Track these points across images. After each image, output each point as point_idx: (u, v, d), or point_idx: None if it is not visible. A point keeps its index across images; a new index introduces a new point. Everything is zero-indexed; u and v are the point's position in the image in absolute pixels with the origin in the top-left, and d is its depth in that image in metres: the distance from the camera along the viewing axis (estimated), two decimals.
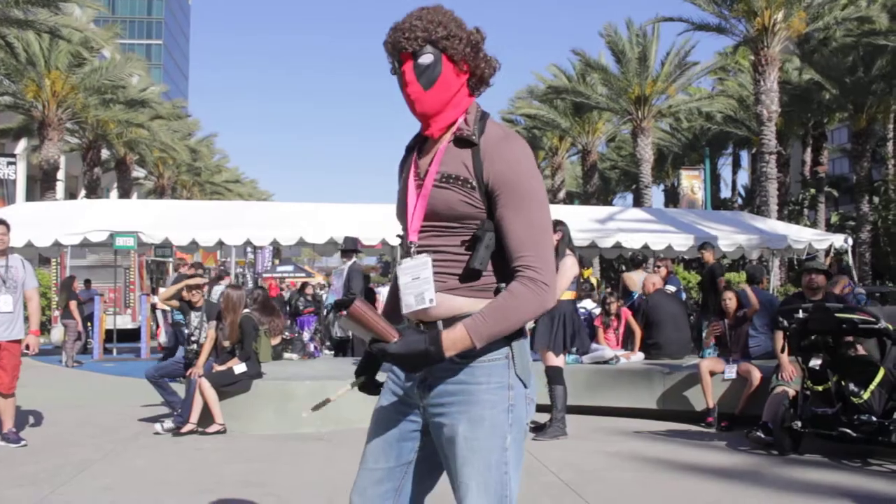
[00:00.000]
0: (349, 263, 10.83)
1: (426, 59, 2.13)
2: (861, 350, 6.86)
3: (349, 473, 6.09)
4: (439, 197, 2.12)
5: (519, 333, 2.15)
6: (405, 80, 2.15)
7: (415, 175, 2.23)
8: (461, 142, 2.15)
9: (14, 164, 24.56)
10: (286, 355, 10.15)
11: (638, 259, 11.78)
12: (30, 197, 33.05)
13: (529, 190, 2.08)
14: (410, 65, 2.14)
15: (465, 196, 2.09)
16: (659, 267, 11.04)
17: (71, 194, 37.58)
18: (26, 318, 7.18)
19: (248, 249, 28.38)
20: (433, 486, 2.40)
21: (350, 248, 11.05)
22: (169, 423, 7.50)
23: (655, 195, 35.90)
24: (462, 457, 2.11)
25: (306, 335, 12.61)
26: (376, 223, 13.37)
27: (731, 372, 7.76)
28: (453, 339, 2.02)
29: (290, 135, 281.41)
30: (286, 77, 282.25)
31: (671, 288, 10.57)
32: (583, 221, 13.64)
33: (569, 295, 7.40)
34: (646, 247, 14.16)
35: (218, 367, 7.58)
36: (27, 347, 7.10)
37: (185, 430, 7.31)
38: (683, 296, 10.73)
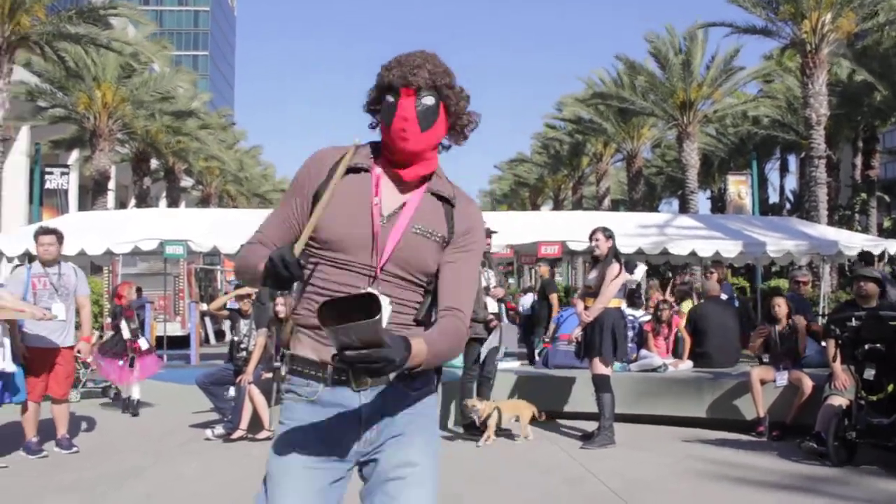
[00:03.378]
0: None
1: (429, 100, 2.12)
2: None
3: None
4: (414, 246, 2.10)
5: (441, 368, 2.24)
6: (403, 114, 2.10)
7: (378, 210, 2.13)
8: (439, 197, 2.18)
9: (67, 174, 25.09)
10: None
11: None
12: (82, 206, 33.73)
13: (479, 250, 2.24)
14: (412, 101, 2.10)
15: (436, 253, 2.13)
16: (712, 272, 10.85)
17: (121, 203, 38.26)
18: (78, 325, 7.32)
19: None
20: None
21: None
22: (219, 430, 7.59)
23: (701, 201, 35.52)
24: (418, 482, 2.13)
25: None
26: None
27: (782, 380, 7.63)
28: (417, 351, 1.88)
29: (341, 136, 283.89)
30: (330, 85, 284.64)
31: (723, 295, 10.39)
32: (628, 228, 13.50)
33: (616, 303, 7.35)
34: (693, 253, 13.99)
35: (267, 375, 7.66)
36: (79, 353, 7.25)
37: (234, 436, 7.40)
38: (736, 303, 10.53)
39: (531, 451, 7.14)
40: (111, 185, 28.77)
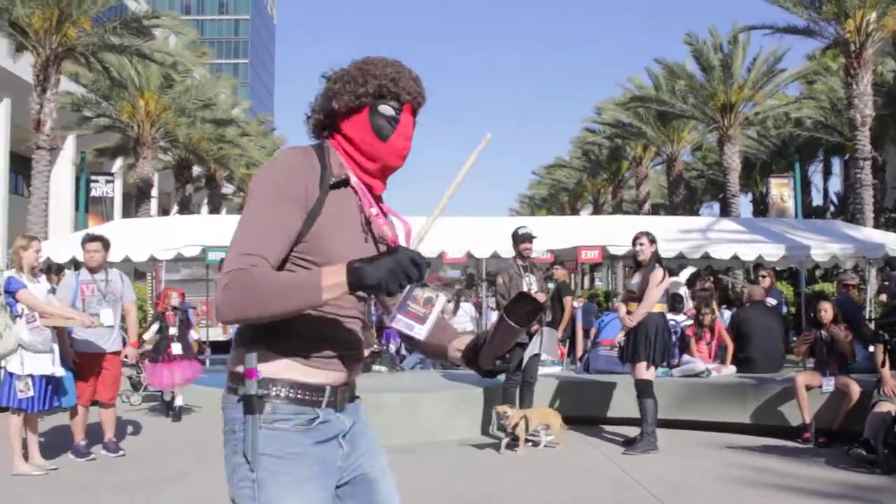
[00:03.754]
0: None
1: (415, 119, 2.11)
2: None
3: (437, 485, 6.14)
4: None
5: None
6: (406, 132, 2.06)
7: (379, 224, 2.09)
8: (385, 214, 2.14)
9: (112, 182, 25.52)
10: (375, 367, 10.26)
11: None
12: (126, 213, 34.33)
13: None
14: (412, 119, 2.08)
15: None
16: (764, 276, 10.66)
17: (164, 210, 38.86)
18: (125, 330, 7.45)
19: None
20: None
21: None
22: None
23: (743, 204, 35.04)
24: (393, 482, 2.18)
25: (393, 347, 12.74)
26: (460, 236, 13.41)
27: (828, 385, 7.50)
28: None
29: None
30: None
31: (772, 301, 10.21)
32: (669, 232, 13.39)
33: (659, 308, 7.30)
34: (735, 257, 13.84)
35: None
36: (126, 357, 7.37)
37: None
38: (784, 309, 10.31)
39: (573, 457, 7.11)
40: (154, 192, 29.22)
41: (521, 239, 7.90)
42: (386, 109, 2.03)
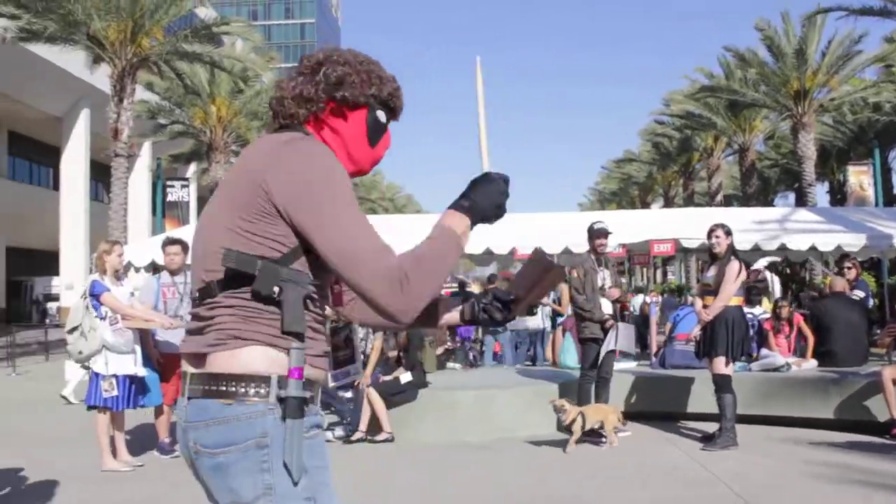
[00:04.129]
0: None
1: None
2: None
3: (513, 484, 6.14)
4: None
5: None
6: (387, 143, 2.06)
7: None
8: None
9: (187, 186, 26.19)
10: (449, 365, 10.31)
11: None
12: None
13: None
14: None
15: None
16: (849, 268, 10.31)
17: None
18: None
19: None
20: None
21: None
22: (339, 432, 7.78)
23: (820, 193, 34.09)
24: None
25: (468, 345, 12.78)
26: (530, 232, 13.35)
27: None
28: None
29: (444, 141, 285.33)
30: (433, 88, 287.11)
31: (859, 293, 9.87)
32: (743, 223, 13.08)
33: (736, 301, 7.16)
34: (813, 248, 13.45)
35: (384, 378, 7.80)
36: None
37: (354, 438, 7.56)
38: (871, 302, 9.88)
39: (652, 454, 7.02)
40: None
41: (596, 234, 7.84)
42: (381, 116, 2.01)
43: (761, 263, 12.23)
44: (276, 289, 1.75)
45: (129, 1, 19.33)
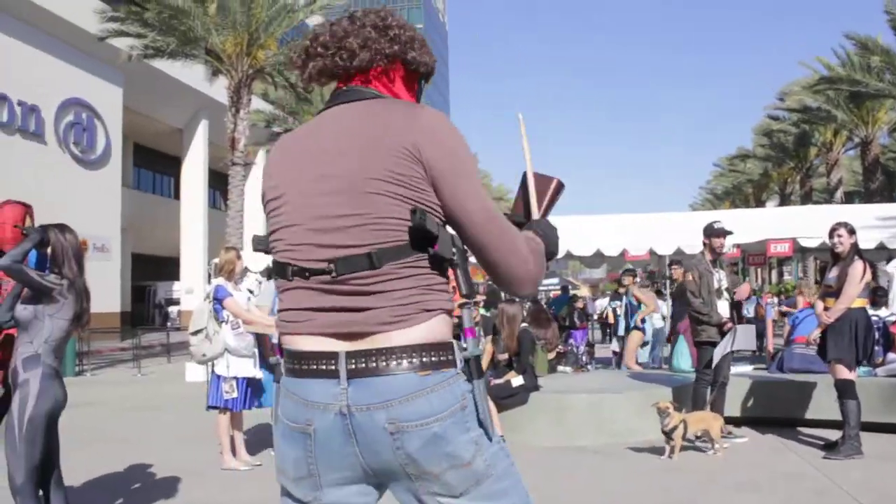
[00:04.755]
0: None
1: None
2: None
3: (621, 491, 6.04)
4: None
5: (278, 375, 1.97)
6: None
7: None
8: None
9: None
10: (560, 368, 10.26)
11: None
12: None
13: None
14: None
15: None
16: None
17: None
18: None
19: None
20: None
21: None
22: None
23: None
24: None
25: (581, 348, 12.68)
26: (642, 233, 13.14)
27: None
28: None
29: (554, 145, 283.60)
30: (543, 87, 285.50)
31: None
32: (867, 220, 12.49)
33: (860, 303, 6.87)
34: None
35: (495, 381, 7.83)
36: None
37: None
38: None
39: (772, 461, 6.81)
40: None
41: (716, 233, 7.65)
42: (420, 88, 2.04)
43: (892, 267, 11.67)
44: (454, 250, 1.77)
45: (245, 15, 20.01)
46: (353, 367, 1.73)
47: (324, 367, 1.75)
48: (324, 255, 1.77)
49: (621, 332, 12.78)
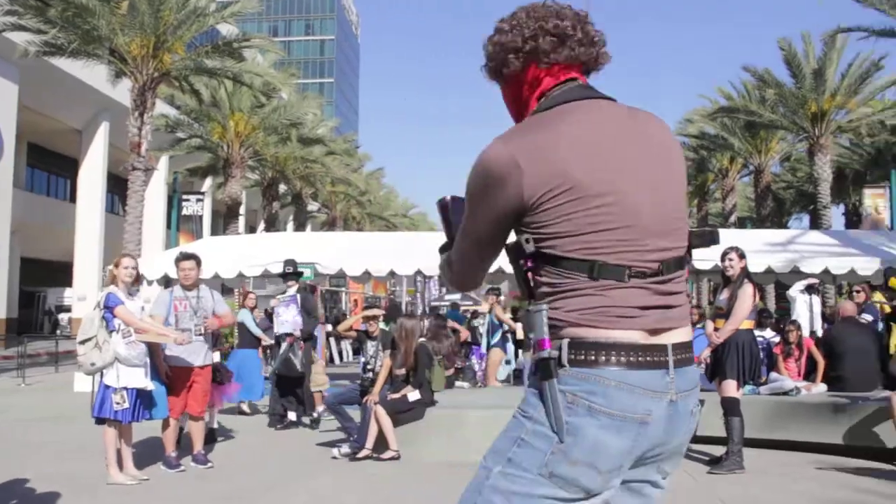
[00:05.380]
0: (294, 288, 10.15)
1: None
2: None
3: None
4: None
5: (545, 371, 1.85)
6: None
7: None
8: None
9: (202, 200, 26.37)
10: (458, 384, 10.31)
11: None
12: (214, 231, 35.38)
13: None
14: None
15: None
16: (858, 291, 10.30)
17: (251, 228, 39.91)
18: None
19: (418, 279, 29.26)
20: None
21: (294, 270, 10.46)
22: (346, 448, 7.79)
23: (835, 216, 33.94)
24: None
25: (482, 364, 12.75)
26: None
27: None
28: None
29: (458, 164, 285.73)
30: (453, 104, 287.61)
31: (868, 317, 9.84)
32: (757, 245, 13.04)
33: (748, 324, 7.16)
34: (826, 271, 13.39)
35: (392, 395, 7.82)
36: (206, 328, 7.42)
37: (360, 455, 7.57)
38: (881, 326, 9.92)
39: None
40: (242, 210, 30.04)
41: None
42: None
43: (797, 288, 12.17)
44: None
45: (153, 17, 19.54)
46: (677, 358, 1.88)
47: (657, 359, 1.85)
48: (656, 257, 1.87)
49: (483, 350, 12.84)
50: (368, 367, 8.39)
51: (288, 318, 9.72)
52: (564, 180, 1.80)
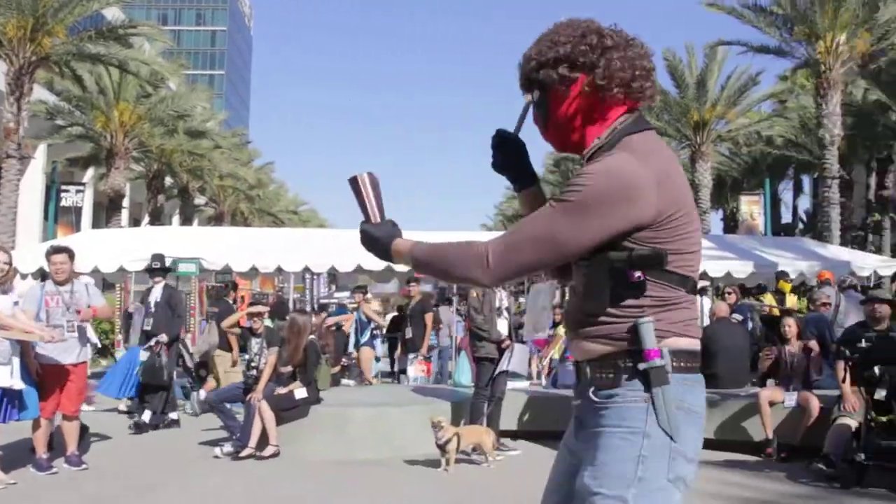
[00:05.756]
0: (161, 285, 9.81)
1: (528, 97, 2.23)
2: None
3: (403, 498, 6.12)
4: None
5: (659, 378, 1.95)
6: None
7: None
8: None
9: (82, 192, 25.37)
10: (343, 381, 10.25)
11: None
12: (96, 223, 34.02)
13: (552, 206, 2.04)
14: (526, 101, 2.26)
15: None
16: (729, 293, 10.80)
17: (135, 221, 38.55)
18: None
19: (306, 276, 28.97)
20: None
21: (161, 265, 10.22)
22: (228, 448, 7.63)
23: (714, 221, 35.38)
24: None
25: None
26: None
27: (790, 401, 7.62)
28: (399, 244, 2.15)
29: (348, 160, 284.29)
30: (345, 101, 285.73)
31: (738, 317, 10.33)
32: None
33: None
34: (704, 274, 13.97)
35: (280, 391, 7.69)
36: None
37: (243, 454, 7.43)
38: (751, 325, 10.48)
39: (539, 473, 7.10)
40: (125, 202, 29.04)
41: None
42: None
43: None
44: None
45: None
46: None
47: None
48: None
49: (351, 348, 12.76)
50: (253, 364, 8.23)
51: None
52: (683, 205, 2.00)
